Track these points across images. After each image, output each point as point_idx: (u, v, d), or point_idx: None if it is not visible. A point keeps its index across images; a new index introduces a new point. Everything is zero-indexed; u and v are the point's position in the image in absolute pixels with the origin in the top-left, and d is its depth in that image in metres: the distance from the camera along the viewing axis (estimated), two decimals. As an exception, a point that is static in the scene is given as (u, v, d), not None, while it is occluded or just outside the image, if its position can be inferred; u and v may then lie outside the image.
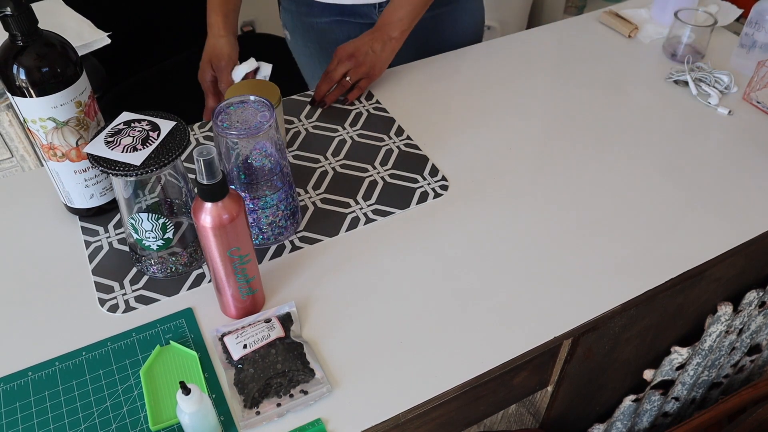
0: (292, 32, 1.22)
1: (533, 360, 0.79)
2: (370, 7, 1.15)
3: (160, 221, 0.73)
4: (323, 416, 0.66)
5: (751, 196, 0.89)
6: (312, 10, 1.16)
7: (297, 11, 1.17)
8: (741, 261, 0.89)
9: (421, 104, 1.05)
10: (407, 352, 0.71)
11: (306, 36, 1.20)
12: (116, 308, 0.75)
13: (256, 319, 0.73)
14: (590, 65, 1.14)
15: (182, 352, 0.71)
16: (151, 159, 0.67)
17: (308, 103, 1.04)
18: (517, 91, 1.08)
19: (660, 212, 0.87)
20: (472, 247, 0.82)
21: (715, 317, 0.93)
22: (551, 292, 0.77)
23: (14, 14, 0.68)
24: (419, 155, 0.96)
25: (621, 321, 0.82)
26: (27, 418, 0.66)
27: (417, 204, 0.88)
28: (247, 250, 0.68)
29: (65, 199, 0.84)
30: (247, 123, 0.72)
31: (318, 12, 1.16)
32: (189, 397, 0.58)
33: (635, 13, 1.26)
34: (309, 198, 0.89)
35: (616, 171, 0.93)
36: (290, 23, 1.21)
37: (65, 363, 0.70)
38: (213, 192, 0.63)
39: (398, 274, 0.79)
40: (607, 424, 1.03)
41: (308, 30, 1.18)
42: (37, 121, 0.74)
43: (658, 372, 0.96)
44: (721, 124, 1.01)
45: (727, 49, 1.17)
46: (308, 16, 1.17)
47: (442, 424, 0.77)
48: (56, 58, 0.71)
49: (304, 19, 1.18)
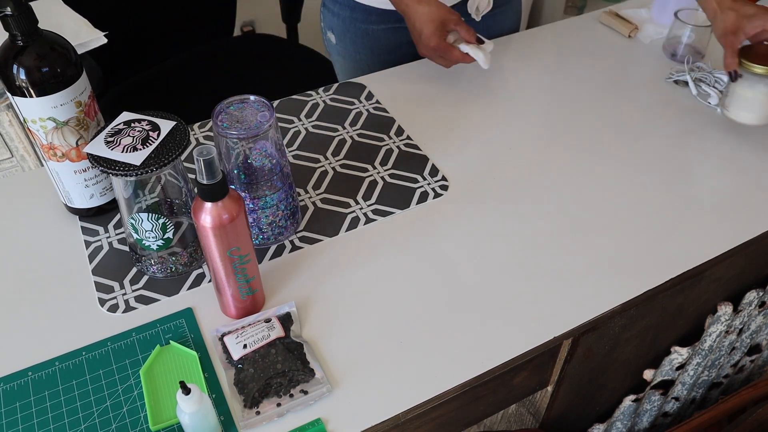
0: (341, 37, 1.21)
1: (533, 360, 0.79)
2: None
3: (160, 221, 0.73)
4: (323, 416, 0.66)
5: (751, 196, 0.89)
6: (369, 17, 1.16)
7: (351, 17, 1.17)
8: (741, 261, 0.89)
9: (421, 104, 1.05)
10: (407, 352, 0.71)
11: (357, 41, 1.20)
12: (116, 308, 0.75)
13: (256, 319, 0.73)
14: (590, 65, 1.14)
15: (182, 352, 0.71)
16: (151, 159, 0.68)
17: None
18: (517, 91, 1.08)
19: (660, 212, 0.87)
20: (472, 247, 0.82)
21: (715, 317, 0.93)
22: (551, 292, 0.77)
23: (14, 14, 0.68)
24: (419, 155, 0.96)
25: (621, 321, 0.82)
26: (27, 418, 0.66)
27: (417, 204, 0.88)
28: (247, 250, 0.68)
29: (65, 199, 0.84)
30: (247, 123, 0.72)
31: (376, 19, 1.16)
32: (189, 397, 0.58)
33: (635, 13, 1.26)
34: (309, 198, 0.89)
35: (616, 171, 0.93)
36: (339, 28, 1.20)
37: (65, 363, 0.70)
38: (213, 192, 0.63)
39: (398, 274, 0.79)
40: (607, 424, 1.03)
41: (361, 36, 1.19)
42: (37, 121, 0.74)
43: (658, 372, 0.96)
44: (721, 124, 1.01)
45: (727, 49, 1.17)
46: (364, 22, 1.17)
47: (442, 424, 0.77)
48: (56, 58, 0.71)
49: (359, 25, 1.17)
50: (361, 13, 1.16)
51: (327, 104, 1.05)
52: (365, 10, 1.16)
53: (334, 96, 1.07)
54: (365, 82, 1.10)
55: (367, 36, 1.19)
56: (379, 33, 1.18)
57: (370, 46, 1.20)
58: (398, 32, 1.18)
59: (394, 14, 1.15)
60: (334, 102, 1.06)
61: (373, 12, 1.16)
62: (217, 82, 1.61)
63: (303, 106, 1.05)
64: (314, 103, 1.05)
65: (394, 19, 1.16)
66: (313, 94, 1.08)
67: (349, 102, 1.06)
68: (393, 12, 1.14)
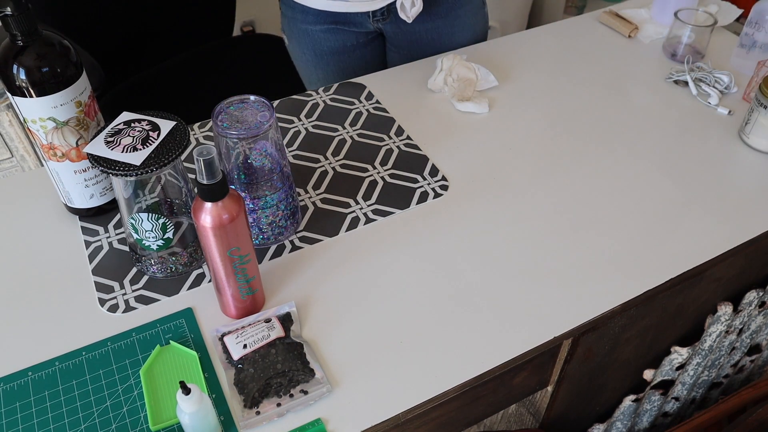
0: (289, 38, 1.22)
1: (533, 360, 0.79)
2: (364, 16, 1.14)
3: (160, 221, 0.73)
4: (323, 416, 0.66)
5: (751, 196, 0.89)
6: (307, 17, 1.16)
7: (293, 17, 1.17)
8: (741, 261, 0.89)
9: (421, 104, 1.05)
10: (407, 352, 0.71)
11: (301, 42, 1.20)
12: (116, 308, 0.75)
13: (256, 319, 0.73)
14: (590, 65, 1.14)
15: (182, 352, 0.71)
16: (151, 159, 0.68)
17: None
18: (517, 91, 1.08)
19: (660, 212, 0.87)
20: (472, 247, 0.82)
21: (715, 317, 0.93)
22: (551, 292, 0.77)
23: (14, 14, 0.68)
24: (419, 155, 0.96)
25: (621, 321, 0.82)
26: (27, 418, 0.66)
27: (417, 204, 0.88)
28: (247, 250, 0.68)
29: (65, 199, 0.84)
30: (247, 123, 0.72)
31: (312, 19, 1.16)
32: (189, 397, 0.58)
33: (635, 13, 1.26)
34: (309, 198, 0.89)
35: (616, 171, 0.93)
36: (287, 29, 1.21)
37: (65, 363, 0.70)
38: (213, 192, 0.63)
39: (398, 274, 0.79)
40: (607, 424, 1.03)
41: (303, 36, 1.18)
42: (37, 121, 0.74)
43: (658, 372, 0.96)
44: (721, 124, 1.01)
45: (727, 49, 1.17)
46: (303, 22, 1.17)
47: (442, 424, 0.77)
48: (56, 58, 0.71)
49: (300, 26, 1.17)
50: (300, 14, 1.16)
51: (327, 104, 1.05)
52: (303, 10, 1.15)
53: (334, 96, 1.07)
54: (365, 82, 1.10)
55: (308, 36, 1.18)
56: (319, 34, 1.17)
57: (313, 47, 1.19)
58: (338, 33, 1.17)
59: (330, 16, 1.14)
60: (334, 102, 1.06)
61: (309, 12, 1.15)
62: (217, 82, 1.61)
63: (303, 106, 1.05)
64: (314, 103, 1.05)
65: (331, 20, 1.15)
66: (313, 94, 1.08)
67: (349, 102, 1.06)
68: (329, 12, 1.13)
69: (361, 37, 1.19)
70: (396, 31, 1.18)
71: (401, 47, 1.21)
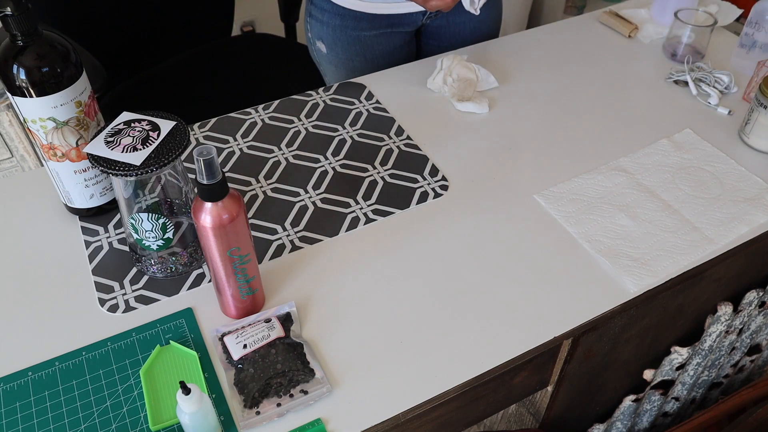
0: (332, 46, 1.20)
1: (533, 360, 0.79)
2: (418, 14, 1.17)
3: (160, 221, 0.73)
4: (323, 416, 0.66)
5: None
6: (360, 23, 1.15)
7: (341, 25, 1.16)
8: (741, 261, 0.89)
9: (421, 104, 1.05)
10: (407, 352, 0.71)
11: (350, 49, 1.19)
12: (116, 308, 0.75)
13: (256, 319, 0.73)
14: (590, 65, 1.14)
15: (182, 352, 0.71)
16: (151, 159, 0.67)
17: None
18: (517, 91, 1.08)
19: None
20: (472, 247, 0.82)
21: (715, 317, 0.93)
22: (551, 292, 0.77)
23: (14, 14, 0.68)
24: (419, 155, 0.96)
25: (621, 321, 0.82)
26: (27, 418, 0.66)
27: (417, 204, 0.88)
28: (247, 250, 0.68)
29: (65, 199, 0.84)
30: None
31: (367, 25, 1.16)
32: (189, 397, 0.58)
33: (635, 13, 1.26)
34: (309, 198, 0.89)
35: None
36: (329, 37, 1.19)
37: (65, 363, 0.70)
38: (213, 192, 0.63)
39: (398, 273, 0.79)
40: (607, 424, 1.03)
41: (354, 43, 1.18)
42: (37, 121, 0.74)
43: (658, 372, 0.96)
44: (721, 124, 1.01)
45: (727, 49, 1.17)
46: (356, 29, 1.16)
47: (442, 424, 0.77)
48: (56, 58, 0.71)
49: (350, 33, 1.17)
50: (351, 21, 1.16)
51: (327, 104, 1.05)
52: (356, 17, 1.15)
53: (334, 96, 1.07)
54: (365, 82, 1.10)
55: (359, 42, 1.18)
56: (372, 39, 1.18)
57: (363, 52, 1.20)
58: (391, 37, 1.18)
59: (385, 19, 1.15)
60: (334, 102, 1.06)
61: (363, 18, 1.15)
62: (217, 82, 1.61)
63: (303, 106, 1.05)
64: (314, 103, 1.05)
65: (386, 24, 1.16)
66: (313, 94, 1.08)
67: (349, 102, 1.06)
68: (384, 17, 1.14)
69: (407, 36, 1.21)
70: (442, 24, 1.21)
71: (442, 39, 1.23)
